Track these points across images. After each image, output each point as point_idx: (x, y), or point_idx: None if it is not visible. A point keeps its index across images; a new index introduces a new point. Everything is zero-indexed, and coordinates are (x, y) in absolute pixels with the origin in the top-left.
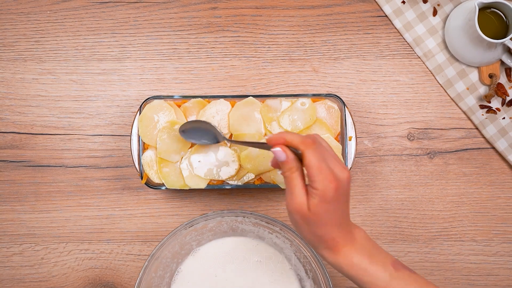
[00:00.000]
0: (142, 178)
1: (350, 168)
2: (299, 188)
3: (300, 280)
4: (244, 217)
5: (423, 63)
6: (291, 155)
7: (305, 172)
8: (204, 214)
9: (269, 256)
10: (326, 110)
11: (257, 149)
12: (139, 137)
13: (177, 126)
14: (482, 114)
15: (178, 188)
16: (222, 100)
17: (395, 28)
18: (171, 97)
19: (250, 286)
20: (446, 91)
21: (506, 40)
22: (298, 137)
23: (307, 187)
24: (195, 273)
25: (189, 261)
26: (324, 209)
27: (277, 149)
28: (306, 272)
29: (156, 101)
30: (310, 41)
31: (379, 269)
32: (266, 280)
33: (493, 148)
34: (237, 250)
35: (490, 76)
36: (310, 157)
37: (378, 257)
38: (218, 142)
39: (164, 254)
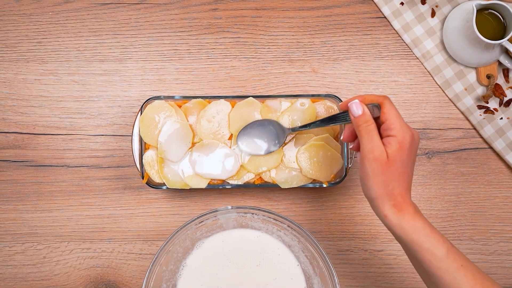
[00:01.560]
0: (143, 178)
1: (350, 167)
2: (378, 138)
3: (308, 278)
4: (253, 214)
5: (422, 63)
6: (366, 109)
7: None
8: (214, 209)
9: (276, 251)
10: (325, 110)
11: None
12: (140, 137)
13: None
14: (480, 115)
15: (179, 188)
16: (222, 100)
17: (394, 29)
18: (172, 97)
19: (255, 280)
20: (444, 92)
21: (503, 41)
22: (373, 94)
23: (383, 139)
24: (200, 266)
25: (195, 255)
26: (401, 158)
27: (355, 101)
28: (314, 270)
29: (157, 102)
30: (309, 42)
31: (440, 239)
32: (271, 274)
33: (491, 148)
34: (244, 242)
35: (488, 76)
36: (389, 106)
37: (436, 230)
38: (279, 142)
39: (175, 248)
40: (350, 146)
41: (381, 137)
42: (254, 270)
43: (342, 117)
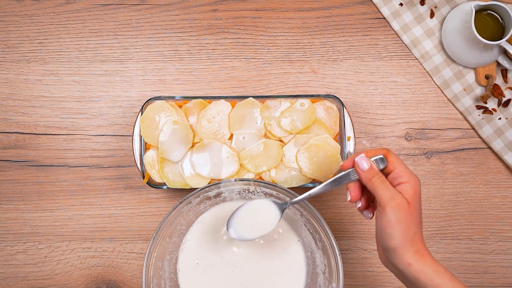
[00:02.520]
0: (144, 178)
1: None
2: (393, 188)
3: (310, 252)
4: (256, 187)
5: (421, 64)
6: (372, 163)
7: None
8: (217, 182)
9: (277, 223)
10: (325, 111)
11: (257, 151)
12: (141, 137)
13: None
14: (479, 115)
15: (180, 188)
16: (222, 100)
17: (393, 30)
18: (172, 97)
19: (256, 254)
20: (443, 92)
21: (502, 42)
22: (373, 149)
23: (396, 188)
24: (200, 239)
25: (196, 228)
26: (418, 202)
27: (362, 155)
28: (316, 243)
29: (157, 102)
30: (309, 42)
31: (459, 282)
32: (272, 250)
33: (489, 148)
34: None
35: (487, 77)
36: (394, 156)
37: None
38: (274, 221)
39: (178, 220)
40: (358, 205)
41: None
42: (254, 245)
43: (346, 176)
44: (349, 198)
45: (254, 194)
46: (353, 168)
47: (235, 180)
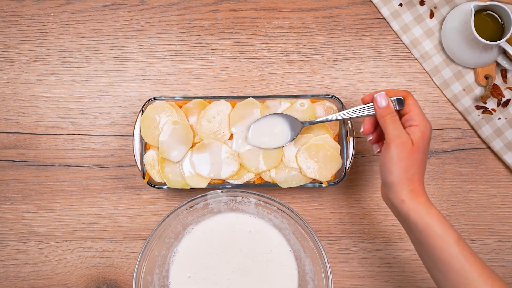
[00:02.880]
0: (144, 178)
1: (349, 168)
2: (402, 128)
3: (299, 260)
4: (243, 197)
5: (420, 64)
6: (390, 101)
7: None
8: (204, 194)
9: (267, 235)
10: (324, 111)
11: (257, 151)
12: (141, 137)
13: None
14: (478, 115)
15: (180, 188)
16: (222, 101)
17: (393, 30)
18: (172, 98)
19: (246, 264)
20: (442, 92)
21: (501, 42)
22: (395, 89)
23: (406, 129)
24: (191, 251)
25: (186, 240)
26: (423, 145)
27: (381, 92)
28: (304, 251)
29: (158, 102)
30: (309, 43)
31: (451, 227)
32: (262, 259)
33: (489, 148)
34: (234, 226)
35: (486, 77)
36: (413, 99)
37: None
38: (292, 136)
39: (166, 233)
40: (369, 138)
41: (404, 127)
42: (244, 255)
43: (365, 109)
44: (361, 130)
45: (242, 205)
46: (371, 104)
47: (221, 192)
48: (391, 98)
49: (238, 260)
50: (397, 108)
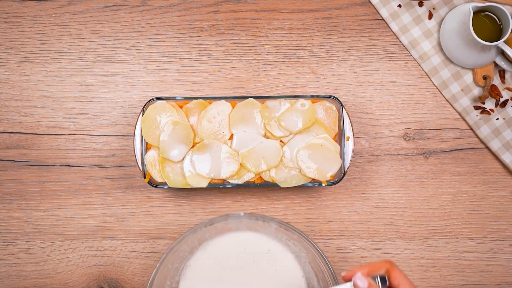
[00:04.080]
0: (145, 177)
1: (348, 167)
2: None
3: (311, 287)
4: (264, 221)
5: (419, 65)
6: (371, 280)
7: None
8: (225, 214)
9: (281, 259)
10: (324, 111)
11: (257, 150)
12: (142, 137)
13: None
14: (477, 115)
15: (180, 187)
16: (223, 101)
17: (392, 31)
18: (173, 98)
19: (257, 284)
20: (441, 93)
21: (499, 43)
22: (376, 262)
23: None
24: (204, 267)
25: (200, 255)
26: None
27: (358, 275)
28: (318, 282)
29: (158, 102)
30: (308, 43)
31: None
32: (274, 282)
33: (487, 148)
34: (250, 246)
35: (484, 78)
36: (398, 271)
37: None
38: None
39: (181, 247)
40: None
41: None
42: (257, 276)
43: None
44: None
45: (262, 227)
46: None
47: (243, 214)
48: (374, 276)
49: (249, 279)
50: (381, 286)
